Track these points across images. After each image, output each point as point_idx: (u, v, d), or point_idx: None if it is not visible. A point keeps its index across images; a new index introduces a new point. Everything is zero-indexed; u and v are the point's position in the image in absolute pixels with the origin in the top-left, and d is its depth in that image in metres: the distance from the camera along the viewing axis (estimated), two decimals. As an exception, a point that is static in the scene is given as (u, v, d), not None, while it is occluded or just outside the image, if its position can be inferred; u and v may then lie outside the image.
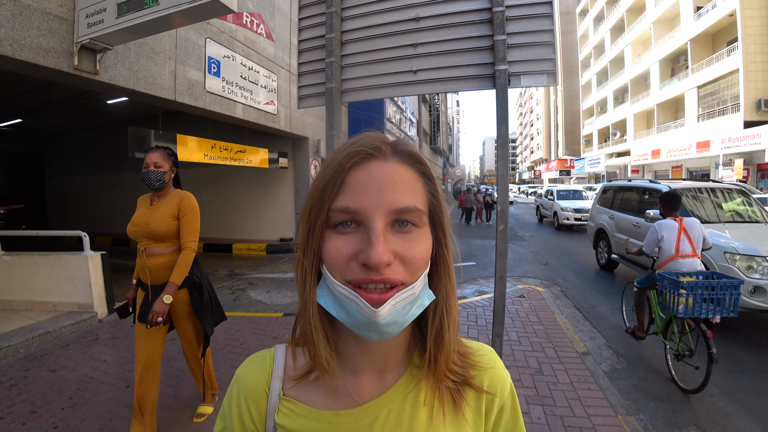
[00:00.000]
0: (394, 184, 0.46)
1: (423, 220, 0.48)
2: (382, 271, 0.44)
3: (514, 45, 2.72)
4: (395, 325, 0.45)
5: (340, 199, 0.46)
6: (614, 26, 33.17)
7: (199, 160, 7.29)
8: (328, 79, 3.02)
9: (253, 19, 7.64)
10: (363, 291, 0.44)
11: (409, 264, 0.46)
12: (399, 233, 0.46)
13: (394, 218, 0.46)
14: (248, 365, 0.59)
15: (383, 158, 0.48)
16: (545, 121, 60.08)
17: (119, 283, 6.13)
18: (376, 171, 0.47)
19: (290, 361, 0.57)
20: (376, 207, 0.45)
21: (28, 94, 8.05)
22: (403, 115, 17.86)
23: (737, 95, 18.37)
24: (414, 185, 0.49)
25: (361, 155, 0.47)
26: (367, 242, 0.44)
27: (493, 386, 0.57)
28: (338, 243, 0.46)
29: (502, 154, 2.74)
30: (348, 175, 0.47)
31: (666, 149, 24.51)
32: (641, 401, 3.02)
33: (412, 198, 0.47)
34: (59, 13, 4.04)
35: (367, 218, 0.45)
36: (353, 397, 0.54)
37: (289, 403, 0.54)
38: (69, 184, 14.03)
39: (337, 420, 0.52)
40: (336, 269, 0.46)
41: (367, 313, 0.44)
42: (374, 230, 0.44)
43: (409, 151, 0.50)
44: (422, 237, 0.48)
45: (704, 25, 20.70)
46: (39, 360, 3.62)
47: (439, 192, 0.53)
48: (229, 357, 3.68)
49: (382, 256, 0.43)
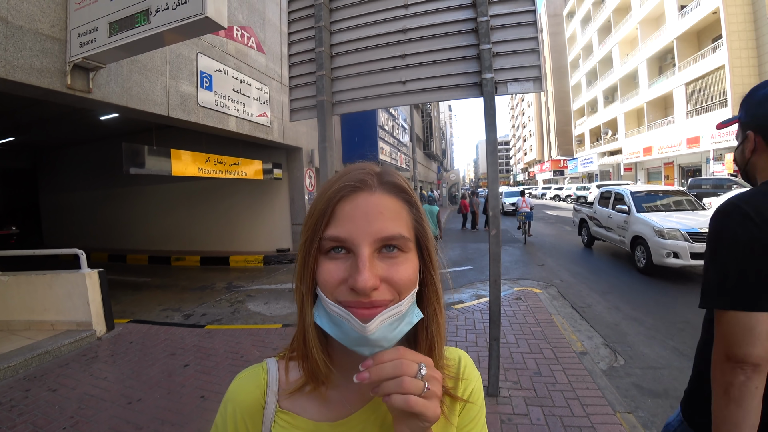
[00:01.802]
0: (379, 214, 0.50)
1: (408, 245, 0.52)
2: (370, 294, 0.47)
3: (499, 53, 2.79)
4: (385, 340, 0.48)
5: (330, 229, 0.50)
6: (601, 27, 33.63)
7: (194, 174, 7.31)
8: (319, 92, 3.07)
9: (243, 32, 7.71)
10: (353, 309, 0.48)
11: (396, 285, 0.49)
12: (386, 258, 0.50)
13: (380, 245, 0.50)
14: (241, 381, 0.60)
15: (369, 190, 0.52)
16: (537, 122, 60.56)
17: (117, 300, 6.13)
18: (363, 202, 0.51)
19: (283, 375, 0.60)
20: (363, 235, 0.49)
21: (20, 111, 8.06)
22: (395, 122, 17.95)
23: (724, 91, 18.67)
24: (399, 213, 0.52)
25: (349, 188, 0.51)
26: (354, 268, 0.48)
27: (467, 393, 0.62)
28: (330, 267, 0.50)
29: (491, 160, 2.79)
30: (337, 207, 0.51)
31: (657, 146, 24.79)
32: (639, 398, 3.05)
33: (398, 226, 0.51)
34: (51, 33, 4.08)
35: (355, 246, 0.49)
36: (345, 408, 0.57)
37: (285, 415, 0.57)
38: (64, 200, 13.99)
39: (332, 430, 0.56)
40: (328, 291, 0.50)
41: (357, 329, 0.47)
42: (361, 257, 0.48)
43: (393, 183, 0.54)
44: (408, 261, 0.52)
45: (689, 24, 21.06)
46: (39, 380, 3.61)
47: (424, 217, 0.56)
48: (230, 369, 3.69)
49: (367, 281, 0.46)
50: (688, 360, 3.62)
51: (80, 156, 13.03)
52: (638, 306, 5.18)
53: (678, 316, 4.73)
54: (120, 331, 4.82)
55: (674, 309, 4.97)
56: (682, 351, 3.80)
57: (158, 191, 11.93)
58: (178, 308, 6.09)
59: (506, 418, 2.74)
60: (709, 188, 14.74)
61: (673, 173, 24.50)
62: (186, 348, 4.24)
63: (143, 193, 12.25)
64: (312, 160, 10.58)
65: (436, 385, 0.47)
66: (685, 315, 4.74)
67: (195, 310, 5.95)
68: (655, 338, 4.14)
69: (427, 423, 0.46)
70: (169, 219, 11.95)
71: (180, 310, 5.96)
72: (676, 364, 3.57)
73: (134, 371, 3.72)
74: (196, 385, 3.39)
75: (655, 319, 4.67)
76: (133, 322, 5.21)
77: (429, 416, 0.45)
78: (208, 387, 3.36)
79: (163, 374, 3.63)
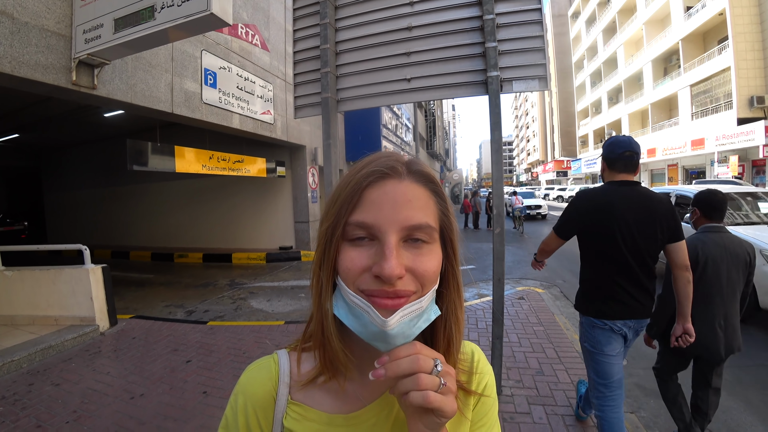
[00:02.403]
0: (408, 202, 0.49)
1: (434, 236, 0.51)
2: (395, 283, 0.46)
3: (505, 51, 2.78)
4: (402, 336, 0.47)
5: (356, 214, 0.49)
6: (606, 27, 33.49)
7: (198, 171, 7.33)
8: (324, 89, 3.06)
9: (248, 30, 7.72)
10: (375, 298, 0.47)
11: (420, 277, 0.48)
12: (411, 248, 0.49)
13: (406, 234, 0.49)
14: (252, 373, 0.60)
15: (398, 178, 0.51)
16: (541, 123, 60.39)
17: (120, 296, 6.15)
18: (391, 189, 0.50)
19: (294, 367, 0.59)
20: (390, 222, 0.48)
21: (25, 109, 8.10)
22: (399, 121, 17.93)
23: (730, 93, 18.54)
24: (426, 203, 0.51)
25: (378, 174, 0.50)
26: (381, 255, 0.47)
27: (481, 387, 0.63)
28: (353, 255, 0.49)
29: (496, 159, 2.78)
30: (365, 193, 0.50)
31: (661, 148, 24.67)
32: (642, 399, 3.04)
33: (425, 215, 0.50)
34: (57, 30, 4.10)
35: (381, 233, 0.48)
36: (359, 400, 0.56)
37: (297, 407, 0.56)
38: (67, 198, 14.06)
39: (346, 423, 0.55)
40: (350, 279, 0.49)
41: (377, 323, 0.46)
42: (388, 244, 0.47)
43: (423, 171, 0.53)
44: (433, 252, 0.51)
45: (695, 25, 20.94)
46: (42, 374, 3.63)
47: (450, 211, 0.55)
48: (232, 366, 3.70)
49: (394, 269, 0.45)
50: (691, 361, 3.61)
51: (84, 155, 13.10)
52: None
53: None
54: (123, 326, 4.84)
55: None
56: (685, 352, 3.78)
57: (162, 189, 11.97)
58: (181, 305, 6.11)
59: (508, 416, 2.74)
60: (714, 190, 14.63)
61: (677, 175, 24.39)
62: (188, 344, 4.25)
63: (147, 191, 12.29)
64: (315, 158, 10.59)
65: (450, 381, 0.47)
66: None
67: (197, 306, 5.97)
68: (659, 339, 4.12)
69: (444, 419, 0.46)
70: (172, 216, 11.99)
71: (183, 307, 5.98)
72: (680, 365, 3.55)
73: (137, 366, 3.74)
74: (199, 381, 3.40)
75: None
76: (136, 318, 5.23)
77: (446, 411, 0.45)
78: (210, 383, 3.37)
79: (165, 370, 3.65)
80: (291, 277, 7.87)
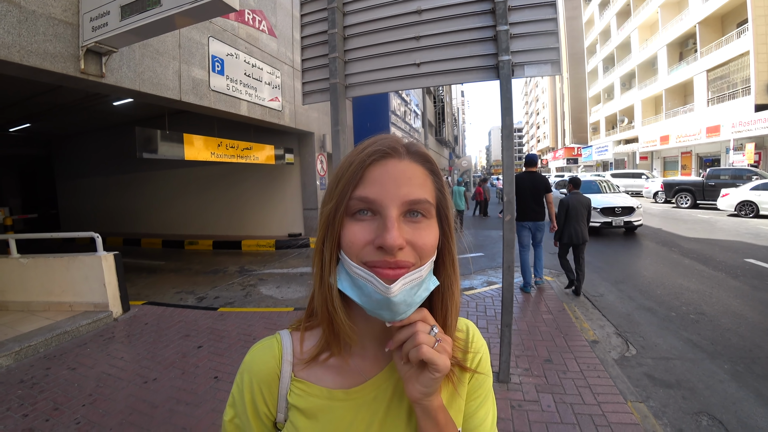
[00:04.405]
0: (407, 179, 0.53)
1: (431, 212, 0.55)
2: (396, 253, 0.49)
3: (517, 35, 2.71)
4: (404, 304, 0.50)
5: (359, 190, 0.52)
6: (620, 11, 32.61)
7: (206, 159, 7.35)
8: (332, 75, 3.03)
9: (255, 15, 7.64)
10: (378, 269, 0.50)
11: (419, 249, 0.52)
12: (410, 222, 0.52)
13: (406, 209, 0.52)
14: (257, 352, 0.62)
15: (399, 157, 0.54)
16: (551, 109, 59.42)
17: (132, 282, 6.25)
18: (392, 167, 0.53)
19: (297, 346, 0.62)
20: (391, 198, 0.51)
21: (34, 98, 8.15)
22: (407, 108, 17.75)
23: (748, 78, 18.03)
24: (424, 181, 0.55)
25: (380, 154, 0.54)
26: (383, 228, 0.50)
27: (475, 364, 0.66)
28: (355, 229, 0.52)
29: (507, 145, 2.74)
30: (367, 170, 0.53)
31: (675, 135, 24.15)
32: (651, 388, 3.03)
33: (423, 192, 0.54)
34: (64, 18, 4.09)
35: (383, 207, 0.51)
36: (361, 375, 0.60)
37: (300, 384, 0.59)
38: (79, 186, 14.23)
39: (347, 397, 0.58)
40: (353, 252, 0.52)
41: (381, 290, 0.49)
42: (389, 218, 0.50)
43: (420, 152, 0.57)
44: (430, 227, 0.54)
45: (713, 7, 20.28)
46: (58, 359, 3.71)
47: (446, 188, 0.59)
48: (242, 352, 3.74)
49: (396, 239, 0.49)
50: (701, 351, 3.58)
51: (95, 142, 13.18)
52: (651, 296, 5.11)
53: (692, 307, 4.66)
54: (135, 312, 4.92)
55: (688, 300, 4.90)
56: (696, 342, 3.75)
57: (171, 176, 12.06)
58: (192, 291, 6.19)
59: (516, 404, 2.75)
60: (728, 179, 14.33)
61: (691, 163, 23.93)
62: (199, 330, 4.32)
63: (157, 179, 12.39)
64: (324, 145, 10.55)
65: (446, 344, 0.53)
66: (699, 306, 4.66)
67: (208, 293, 6.04)
68: (668, 329, 4.09)
69: (438, 373, 0.51)
70: (182, 204, 12.09)
71: (193, 293, 6.06)
72: (690, 355, 3.52)
73: (149, 352, 3.80)
74: (210, 366, 3.46)
75: (669, 309, 4.61)
76: (147, 304, 5.31)
77: (440, 366, 0.50)
78: (221, 368, 3.42)
79: (177, 355, 3.71)
80: (300, 264, 7.92)
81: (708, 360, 3.41)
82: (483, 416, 0.65)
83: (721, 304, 4.67)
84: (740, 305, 4.62)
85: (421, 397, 0.53)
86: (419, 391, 0.52)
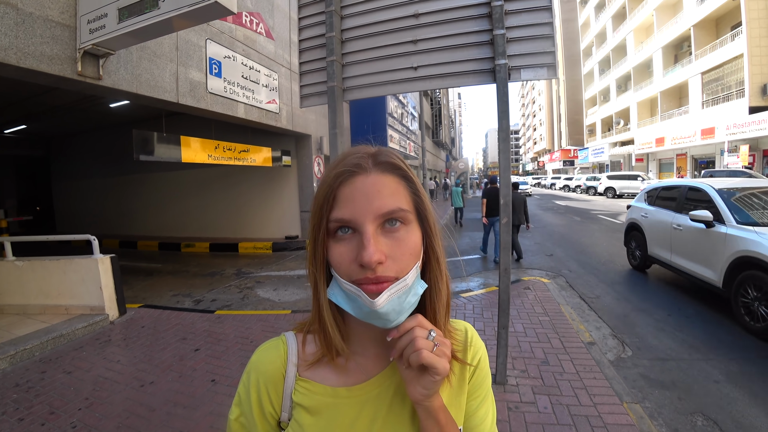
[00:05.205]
0: (377, 192, 0.54)
1: (409, 217, 0.56)
2: (376, 269, 0.51)
3: (513, 39, 2.73)
4: (394, 312, 0.53)
5: (335, 212, 0.54)
6: (616, 13, 32.85)
7: (204, 161, 7.35)
8: (330, 78, 3.04)
9: (252, 18, 7.65)
10: (363, 285, 0.52)
11: (399, 260, 0.53)
12: (389, 233, 0.54)
13: (382, 221, 0.54)
14: (263, 352, 0.65)
15: (365, 172, 0.55)
16: (548, 111, 59.70)
17: (129, 285, 6.23)
18: (360, 184, 0.55)
19: (300, 347, 0.64)
20: (365, 214, 0.53)
21: (31, 99, 8.12)
22: (404, 110, 17.79)
23: (742, 81, 18.19)
24: (396, 189, 0.56)
25: (347, 174, 0.55)
26: (361, 245, 0.52)
27: (475, 360, 0.68)
28: (340, 249, 0.54)
29: (503, 148, 2.76)
30: (338, 191, 0.55)
31: (670, 137, 24.33)
32: (647, 389, 3.05)
33: (396, 201, 0.55)
34: (61, 20, 4.08)
35: (359, 224, 0.53)
36: (364, 373, 0.62)
37: (305, 383, 0.62)
38: (76, 187, 14.18)
39: (350, 395, 0.60)
40: (342, 271, 0.54)
41: (367, 304, 0.51)
42: (366, 234, 0.52)
43: (388, 162, 0.58)
44: (410, 232, 0.56)
45: (707, 10, 20.47)
46: (54, 362, 3.69)
47: (421, 190, 0.60)
48: (240, 354, 3.74)
49: (372, 255, 0.50)
50: (697, 352, 3.60)
51: (91, 143, 13.15)
52: (647, 298, 5.14)
53: (689, 307, 4.69)
54: (132, 315, 4.90)
55: (684, 301, 4.93)
56: (691, 343, 3.78)
57: (168, 178, 12.03)
58: (189, 294, 6.17)
59: (513, 406, 2.76)
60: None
61: (686, 165, 24.09)
62: (197, 333, 4.31)
63: (154, 181, 12.36)
64: (321, 147, 10.56)
65: (444, 347, 0.55)
66: (695, 306, 4.70)
67: (205, 295, 6.03)
68: (664, 330, 4.11)
69: (438, 376, 0.53)
70: (179, 206, 12.07)
71: (190, 296, 6.05)
72: (685, 356, 3.55)
73: (146, 355, 3.79)
74: (207, 369, 3.45)
75: (665, 311, 4.63)
76: (144, 307, 5.29)
77: (439, 369, 0.52)
78: (218, 371, 3.41)
79: (174, 358, 3.70)
80: (297, 267, 7.91)
81: (703, 361, 3.44)
82: (483, 415, 0.67)
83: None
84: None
85: (423, 399, 0.55)
86: (420, 392, 0.54)
